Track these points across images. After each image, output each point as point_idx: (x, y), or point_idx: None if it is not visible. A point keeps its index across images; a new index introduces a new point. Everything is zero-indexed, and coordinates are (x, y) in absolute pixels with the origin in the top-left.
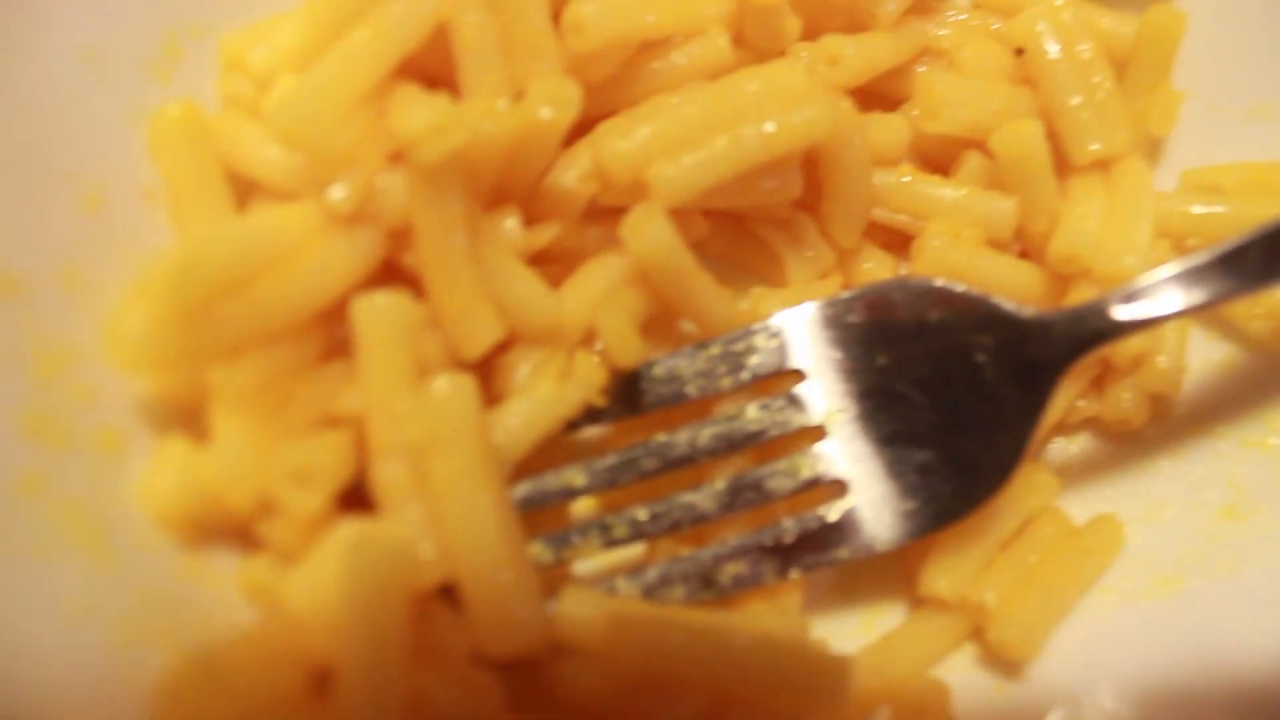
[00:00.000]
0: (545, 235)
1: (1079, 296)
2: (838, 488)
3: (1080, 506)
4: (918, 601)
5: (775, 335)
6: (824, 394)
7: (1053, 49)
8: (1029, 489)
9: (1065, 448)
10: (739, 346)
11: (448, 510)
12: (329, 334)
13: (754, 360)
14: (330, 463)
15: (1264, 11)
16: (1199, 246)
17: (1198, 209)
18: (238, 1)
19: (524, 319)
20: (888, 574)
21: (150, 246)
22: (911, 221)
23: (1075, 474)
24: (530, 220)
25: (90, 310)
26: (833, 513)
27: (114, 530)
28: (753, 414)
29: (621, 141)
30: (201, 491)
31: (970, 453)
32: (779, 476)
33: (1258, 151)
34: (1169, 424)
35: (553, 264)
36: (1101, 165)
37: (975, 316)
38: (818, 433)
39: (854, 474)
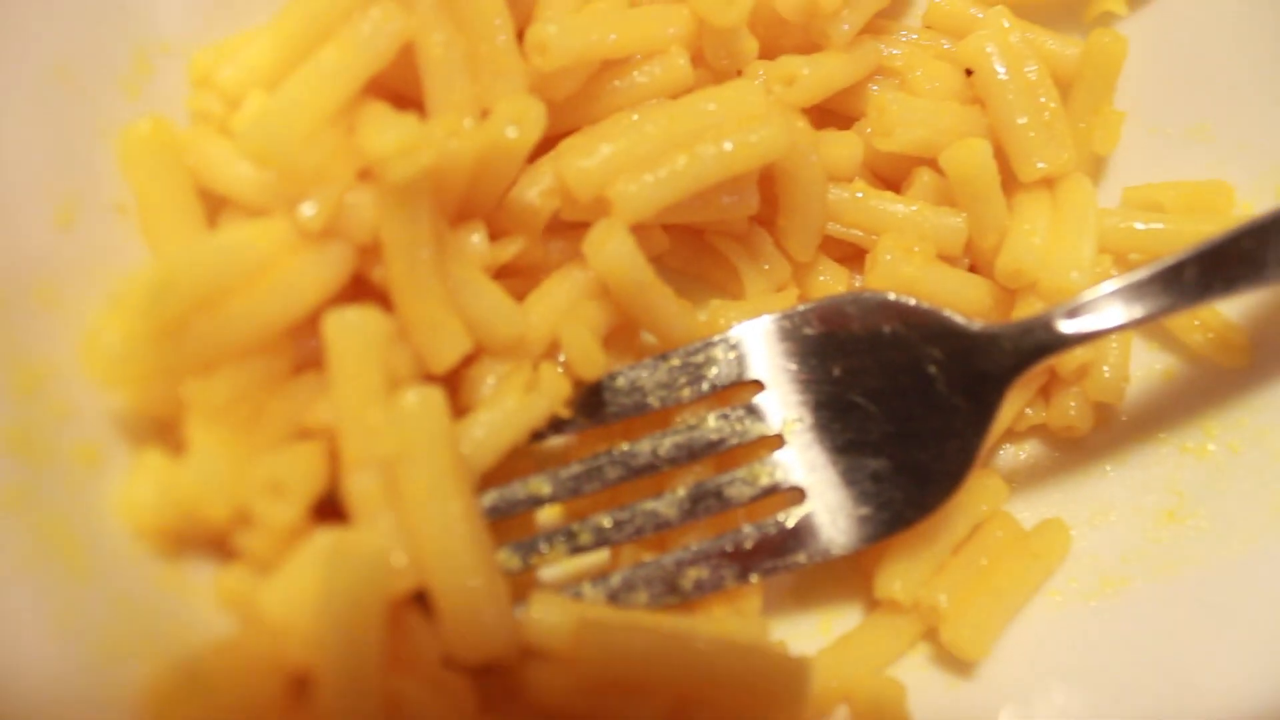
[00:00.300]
0: (510, 250)
1: (1026, 309)
2: (795, 495)
3: (1028, 510)
4: (873, 604)
5: (734, 347)
6: (781, 404)
7: (1001, 70)
8: (979, 494)
9: (1014, 454)
10: (698, 358)
11: (419, 520)
12: (300, 347)
13: (713, 371)
14: (304, 474)
15: (1200, 37)
16: (1140, 261)
17: (1139, 225)
18: (206, 18)
19: (490, 332)
20: (844, 578)
21: (122, 261)
22: (865, 236)
23: (1023, 479)
24: (494, 235)
25: (66, 325)
26: (791, 519)
27: (94, 543)
28: (712, 423)
29: (584, 159)
30: (178, 503)
31: (922, 461)
32: (738, 484)
33: (1195, 170)
34: (1113, 431)
35: (516, 277)
36: (1047, 182)
37: (926, 329)
38: (775, 441)
39: (811, 481)
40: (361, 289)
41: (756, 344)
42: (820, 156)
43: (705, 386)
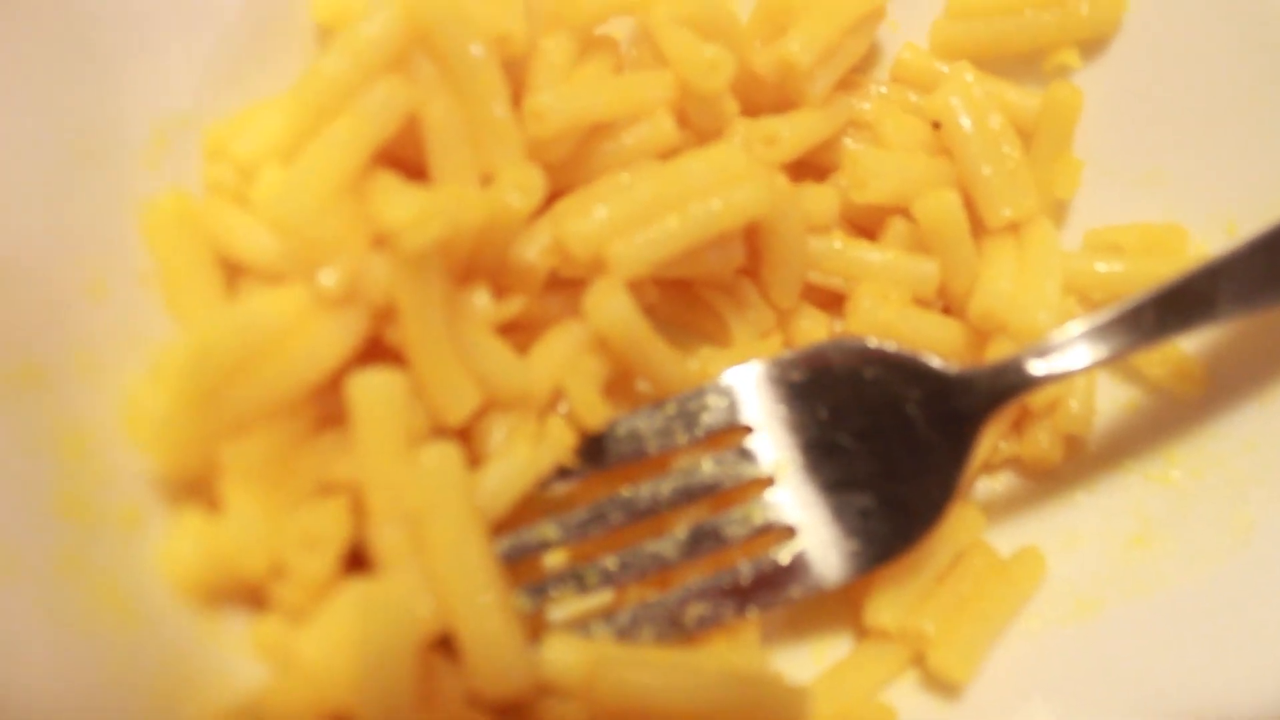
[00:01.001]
0: (512, 307)
1: (997, 349)
2: (787, 532)
3: (1005, 539)
4: (863, 632)
5: (725, 394)
6: (772, 446)
7: (966, 123)
8: (959, 525)
9: (990, 485)
10: (693, 405)
11: (443, 569)
12: (320, 406)
13: (707, 418)
14: (334, 528)
15: (1151, 87)
16: (1103, 300)
17: (1100, 267)
18: (216, 92)
19: (498, 387)
20: (834, 609)
21: (150, 328)
22: (844, 283)
23: (999, 509)
24: (496, 292)
25: (101, 392)
26: (784, 555)
27: (140, 599)
28: (708, 467)
29: (581, 222)
30: (219, 559)
31: (905, 496)
32: (734, 524)
33: (1150, 212)
34: (1082, 461)
35: (516, 332)
36: (1013, 227)
37: (905, 372)
38: (767, 482)
39: (802, 519)
40: (373, 347)
41: (747, 390)
42: (800, 210)
43: (700, 432)
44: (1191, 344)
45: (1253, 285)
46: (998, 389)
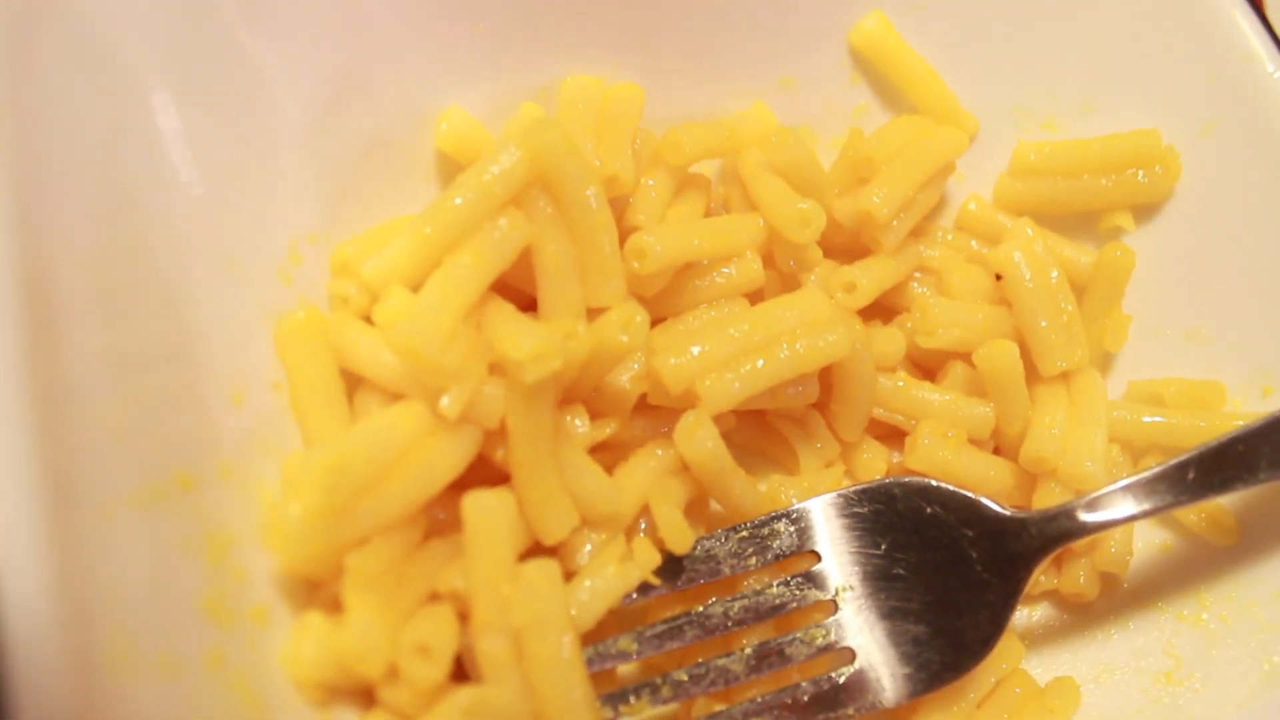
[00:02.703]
0: (606, 430)
1: (1045, 492)
2: (846, 654)
3: (1041, 668)
4: None
5: (794, 521)
6: (835, 572)
7: (1027, 277)
8: (1000, 654)
9: (1029, 616)
10: (764, 531)
11: (541, 678)
12: (430, 517)
13: (777, 543)
14: (445, 637)
15: (1196, 252)
16: (1144, 448)
17: (1145, 419)
18: (344, 213)
19: (591, 508)
20: None
21: (277, 435)
22: (905, 420)
23: (1037, 639)
24: (589, 415)
25: (239, 496)
26: (842, 676)
27: (271, 695)
28: (775, 589)
29: (676, 357)
30: (339, 660)
31: (957, 628)
32: (797, 644)
33: (1190, 367)
34: (1117, 598)
35: (603, 452)
36: (1064, 376)
37: (963, 512)
38: (829, 606)
39: (859, 643)
40: (478, 464)
41: (815, 519)
42: (873, 353)
43: (770, 556)
44: (1226, 496)
45: None
46: (1049, 534)
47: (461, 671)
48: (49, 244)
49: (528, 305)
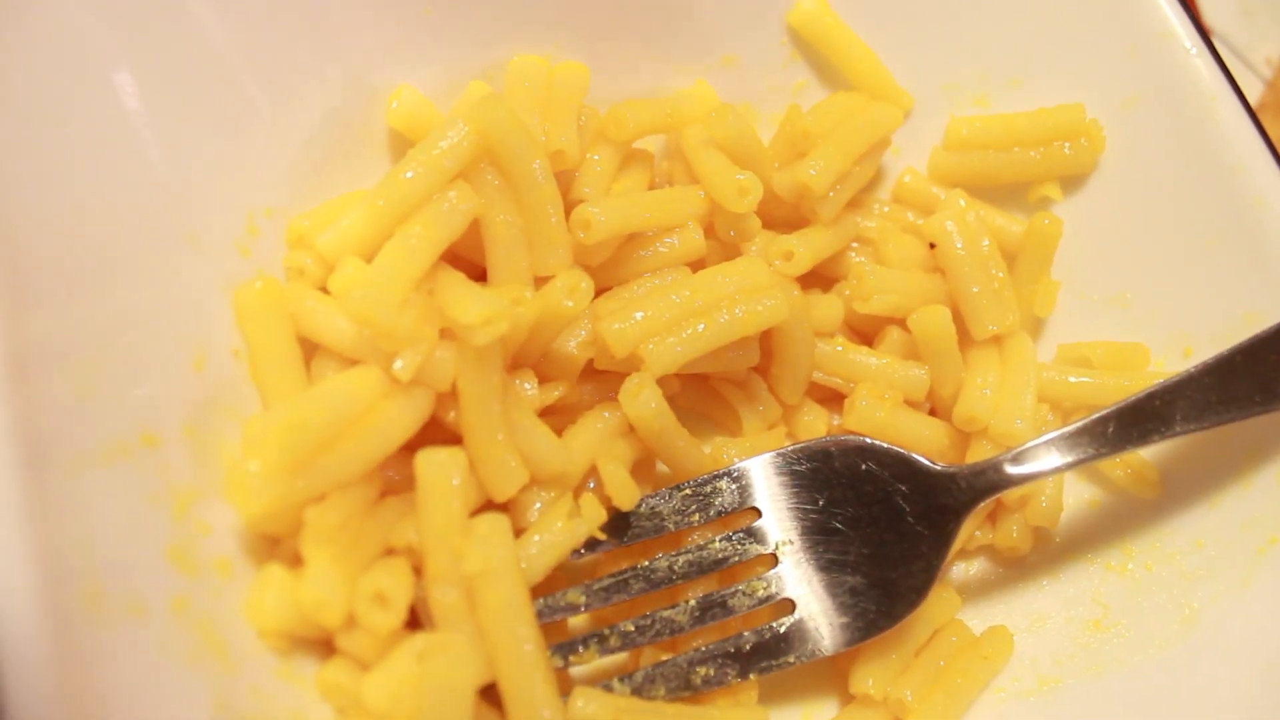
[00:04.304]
0: (554, 394)
1: (978, 450)
2: (787, 605)
3: (977, 618)
4: (848, 698)
5: (736, 479)
6: (775, 528)
7: (959, 245)
8: (937, 605)
9: (965, 569)
10: (707, 489)
11: (493, 627)
12: (385, 476)
13: (719, 500)
14: (401, 587)
15: (1121, 220)
16: (1073, 408)
17: (1072, 379)
18: (299, 188)
19: (540, 466)
20: (823, 675)
21: (238, 399)
22: (843, 383)
23: (973, 592)
24: (539, 379)
25: (203, 456)
26: (783, 626)
27: (235, 641)
28: (718, 544)
29: (621, 322)
30: (300, 610)
31: (892, 578)
32: (739, 596)
33: (1116, 331)
34: (1048, 551)
35: (553, 415)
36: (996, 340)
37: (896, 468)
38: (770, 560)
39: (799, 594)
40: (429, 426)
41: (755, 477)
42: (811, 319)
43: (712, 512)
44: (1149, 451)
45: (1204, 405)
46: (978, 487)
47: (417, 624)
48: (16, 217)
49: (478, 276)
